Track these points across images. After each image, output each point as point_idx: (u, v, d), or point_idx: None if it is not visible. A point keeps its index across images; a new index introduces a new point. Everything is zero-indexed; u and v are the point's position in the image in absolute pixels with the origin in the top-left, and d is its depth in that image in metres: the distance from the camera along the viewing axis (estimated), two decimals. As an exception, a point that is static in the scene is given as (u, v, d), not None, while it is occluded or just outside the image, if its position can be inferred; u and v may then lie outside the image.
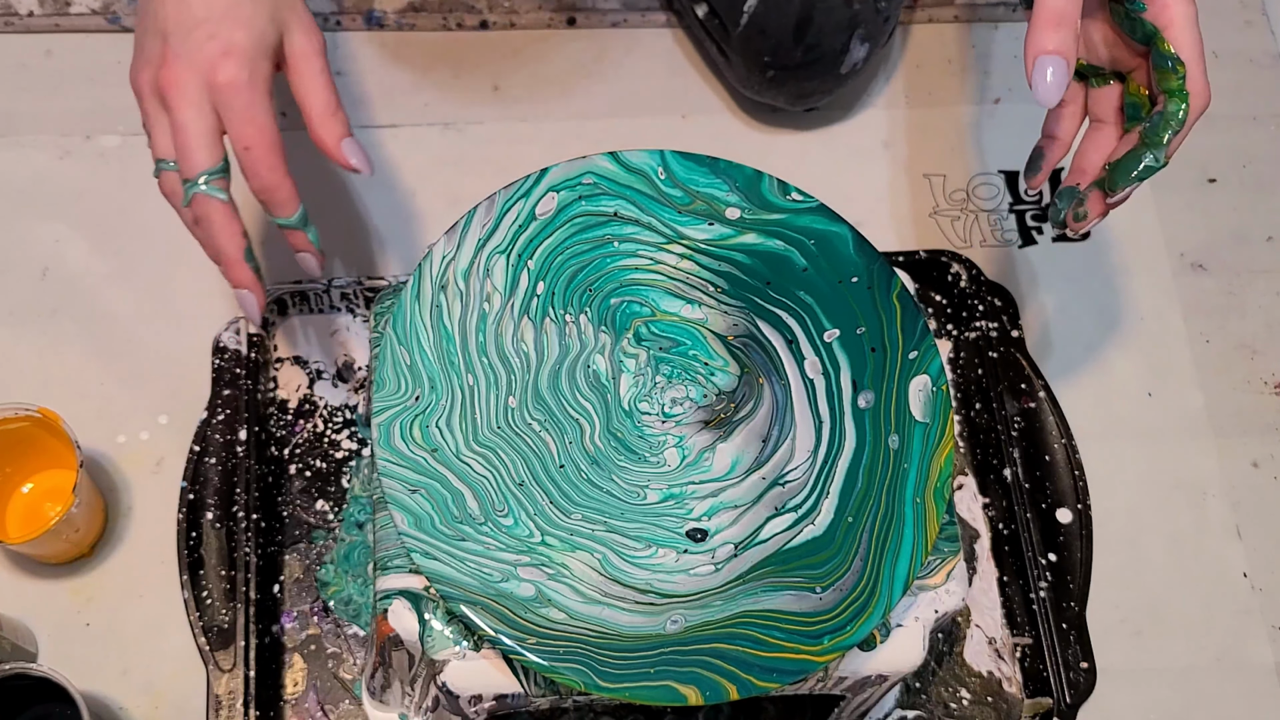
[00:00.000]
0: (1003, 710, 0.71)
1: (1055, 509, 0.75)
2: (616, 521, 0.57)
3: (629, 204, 0.62)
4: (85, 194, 0.82)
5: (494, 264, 0.60)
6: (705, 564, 0.57)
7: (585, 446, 0.59)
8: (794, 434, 0.60)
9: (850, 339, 0.60)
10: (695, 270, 0.62)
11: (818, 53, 0.80)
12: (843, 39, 0.79)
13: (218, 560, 0.70)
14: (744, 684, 0.52)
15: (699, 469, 0.59)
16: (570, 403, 0.60)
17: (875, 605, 0.54)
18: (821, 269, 0.61)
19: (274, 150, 0.58)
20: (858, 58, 0.80)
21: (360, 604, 0.71)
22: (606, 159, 0.61)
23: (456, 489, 0.56)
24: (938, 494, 0.56)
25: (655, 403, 0.61)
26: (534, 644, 0.52)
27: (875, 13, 0.79)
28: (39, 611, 0.71)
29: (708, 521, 0.58)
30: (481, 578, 0.53)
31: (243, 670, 0.67)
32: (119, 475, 0.74)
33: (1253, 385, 0.82)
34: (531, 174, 0.60)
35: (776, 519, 0.58)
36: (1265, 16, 0.94)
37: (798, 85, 0.82)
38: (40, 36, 0.87)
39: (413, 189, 0.84)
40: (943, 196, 0.87)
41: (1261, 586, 0.76)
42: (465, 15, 0.90)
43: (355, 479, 0.74)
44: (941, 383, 0.58)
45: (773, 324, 0.62)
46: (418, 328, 0.58)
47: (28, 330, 0.78)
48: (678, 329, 0.62)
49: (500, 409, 0.59)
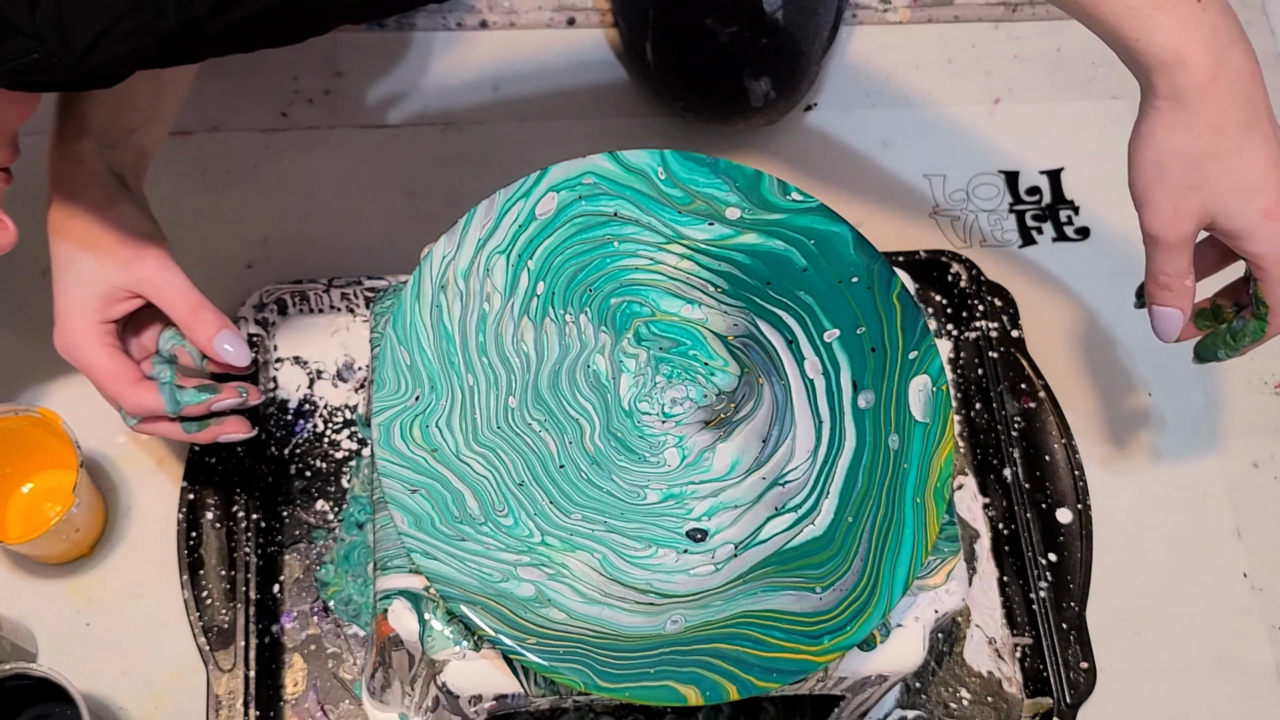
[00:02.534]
0: (1003, 710, 0.71)
1: (1055, 509, 0.75)
2: (616, 521, 0.57)
3: (629, 204, 0.61)
4: (85, 194, 0.82)
5: (494, 264, 0.60)
6: (705, 564, 0.57)
7: (585, 446, 0.59)
8: (794, 434, 0.60)
9: (850, 339, 0.60)
10: (695, 270, 0.62)
11: (717, 95, 0.82)
12: (734, 80, 0.81)
13: (218, 560, 0.70)
14: (744, 684, 0.52)
15: (699, 469, 0.59)
16: (570, 403, 0.60)
17: (875, 605, 0.54)
18: (821, 269, 0.61)
19: (115, 380, 0.63)
20: (763, 90, 0.81)
21: (360, 604, 0.71)
22: (607, 159, 0.61)
23: (456, 489, 0.56)
24: (938, 494, 0.56)
25: (655, 403, 0.61)
26: (534, 644, 0.52)
27: (758, 50, 0.80)
28: (39, 611, 0.71)
29: (708, 521, 0.58)
30: (481, 578, 0.53)
31: (243, 670, 0.67)
32: (119, 475, 0.74)
33: (1253, 385, 0.82)
34: (531, 174, 0.60)
35: (776, 519, 0.57)
36: (1265, 16, 0.94)
37: (719, 122, 0.84)
38: (40, 36, 0.87)
39: (412, 189, 0.84)
40: (943, 196, 0.87)
41: (1261, 586, 0.76)
42: (465, 15, 0.90)
43: (355, 479, 0.74)
44: (941, 383, 0.58)
45: (773, 324, 0.61)
46: (418, 328, 0.58)
47: (28, 330, 0.78)
48: (678, 329, 0.62)
49: (500, 409, 0.58)
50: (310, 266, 0.79)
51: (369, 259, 0.81)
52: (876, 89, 0.90)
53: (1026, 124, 0.89)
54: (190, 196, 0.83)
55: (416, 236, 0.83)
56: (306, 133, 0.86)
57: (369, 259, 0.81)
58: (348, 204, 0.83)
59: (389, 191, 0.84)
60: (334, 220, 0.83)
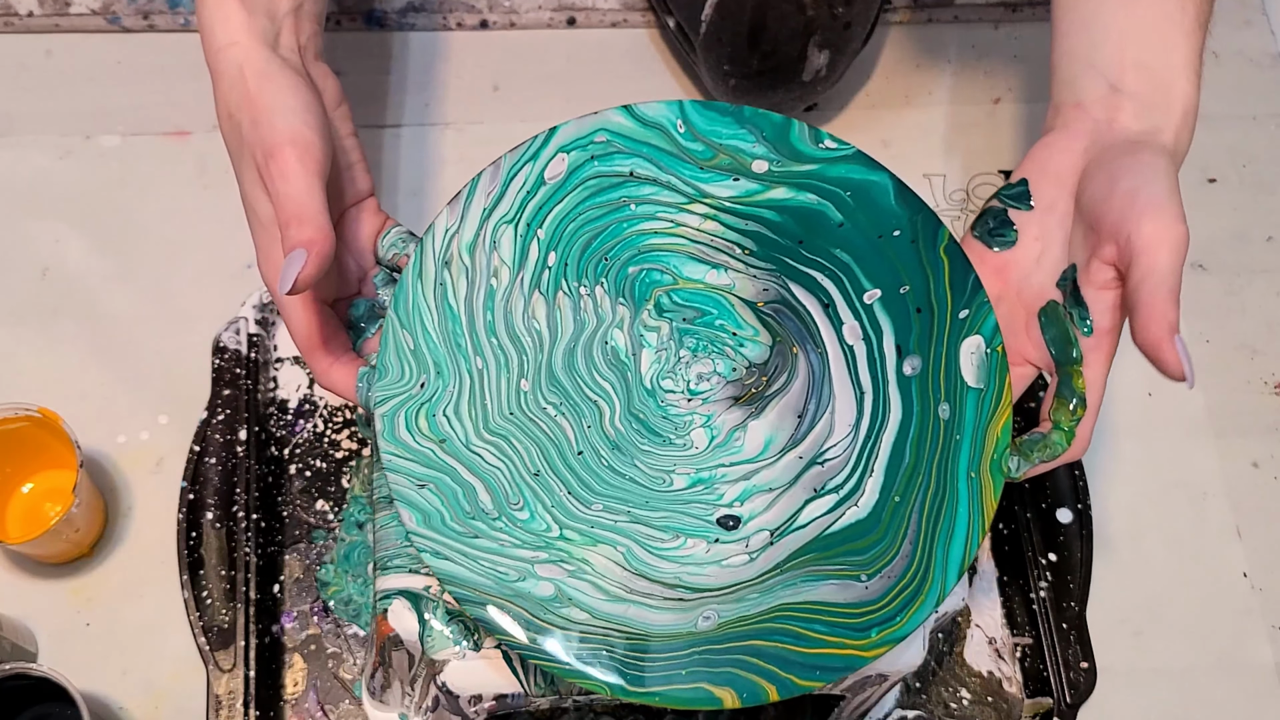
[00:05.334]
0: (1003, 710, 0.71)
1: (1055, 509, 0.75)
2: (641, 511, 0.53)
3: (646, 162, 0.56)
4: (85, 194, 0.82)
5: (501, 235, 0.55)
6: (739, 554, 0.53)
7: (605, 430, 0.55)
8: (833, 407, 0.55)
9: (893, 299, 0.55)
10: (720, 231, 0.57)
11: (774, 60, 0.79)
12: (798, 45, 0.79)
13: (218, 560, 0.70)
14: (784, 684, 0.48)
15: (729, 450, 0.55)
16: (588, 383, 0.55)
17: (928, 593, 0.50)
18: (859, 224, 0.55)
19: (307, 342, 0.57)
20: (819, 65, 0.80)
21: (360, 604, 0.71)
22: (620, 113, 0.56)
23: (467, 482, 0.52)
24: (994, 466, 0.51)
25: (680, 379, 0.56)
26: (558, 648, 0.49)
27: (832, 19, 0.78)
28: (39, 611, 0.71)
29: (740, 507, 0.54)
30: (497, 577, 0.50)
31: (243, 670, 0.67)
32: (119, 475, 0.74)
33: (1253, 385, 0.82)
34: (539, 134, 0.55)
35: (816, 501, 0.53)
36: (1265, 16, 0.94)
37: (761, 95, 0.81)
38: (40, 37, 0.87)
39: (413, 189, 0.84)
40: (943, 196, 0.87)
41: (1261, 586, 0.76)
42: (465, 15, 0.90)
43: (355, 479, 0.74)
44: (997, 343, 0.53)
45: (807, 287, 0.56)
46: (421, 309, 0.53)
47: (28, 330, 0.78)
48: (702, 297, 0.57)
49: (512, 393, 0.54)
50: (310, 266, 0.79)
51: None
52: (876, 89, 0.90)
53: (1026, 124, 0.89)
54: (190, 196, 0.83)
55: (416, 236, 0.83)
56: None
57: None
58: (348, 204, 0.83)
59: (390, 192, 0.84)
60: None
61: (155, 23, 0.88)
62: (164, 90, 0.86)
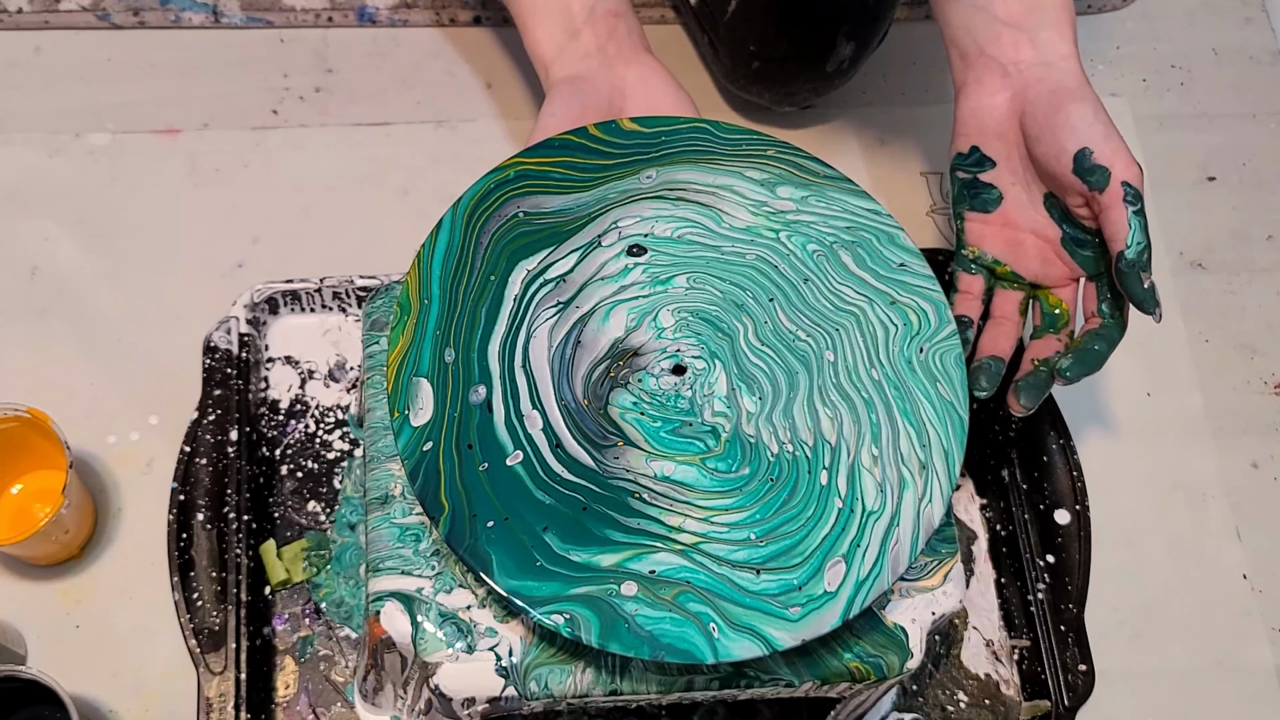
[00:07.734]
0: (1000, 713, 0.71)
1: (1053, 510, 0.75)
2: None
3: None
4: (75, 192, 0.82)
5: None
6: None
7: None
8: None
9: None
10: None
11: (802, 45, 0.79)
12: (828, 32, 0.78)
13: (209, 562, 0.70)
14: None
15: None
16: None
17: None
18: None
19: None
20: (844, 55, 0.79)
21: (352, 606, 0.70)
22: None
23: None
24: None
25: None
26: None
27: (863, 9, 0.78)
28: (28, 613, 0.70)
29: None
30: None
31: (234, 673, 0.66)
32: (109, 476, 0.74)
33: (1252, 385, 0.82)
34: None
35: None
36: (1265, 14, 0.93)
37: (784, 81, 0.81)
38: (30, 33, 0.87)
39: (404, 187, 0.84)
40: (939, 195, 0.86)
41: (1261, 588, 0.76)
42: (458, 11, 0.89)
43: (347, 480, 0.74)
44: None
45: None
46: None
47: (17, 330, 0.77)
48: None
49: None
50: (302, 265, 0.78)
51: (361, 258, 0.80)
52: (874, 87, 0.90)
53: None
54: (180, 195, 0.82)
55: (409, 235, 0.83)
56: (298, 130, 0.85)
57: (361, 258, 0.80)
58: (339, 202, 0.83)
59: (381, 190, 0.84)
60: (325, 219, 0.82)
61: (146, 19, 0.87)
62: (154, 88, 0.86)
